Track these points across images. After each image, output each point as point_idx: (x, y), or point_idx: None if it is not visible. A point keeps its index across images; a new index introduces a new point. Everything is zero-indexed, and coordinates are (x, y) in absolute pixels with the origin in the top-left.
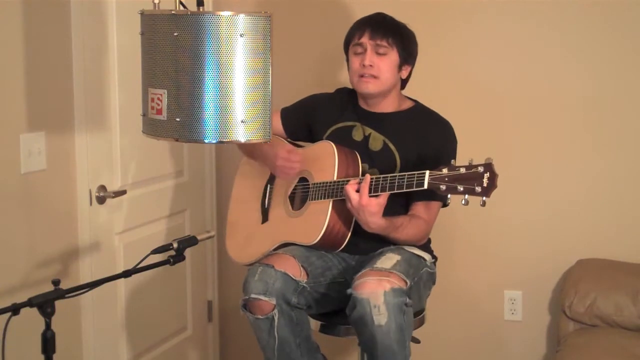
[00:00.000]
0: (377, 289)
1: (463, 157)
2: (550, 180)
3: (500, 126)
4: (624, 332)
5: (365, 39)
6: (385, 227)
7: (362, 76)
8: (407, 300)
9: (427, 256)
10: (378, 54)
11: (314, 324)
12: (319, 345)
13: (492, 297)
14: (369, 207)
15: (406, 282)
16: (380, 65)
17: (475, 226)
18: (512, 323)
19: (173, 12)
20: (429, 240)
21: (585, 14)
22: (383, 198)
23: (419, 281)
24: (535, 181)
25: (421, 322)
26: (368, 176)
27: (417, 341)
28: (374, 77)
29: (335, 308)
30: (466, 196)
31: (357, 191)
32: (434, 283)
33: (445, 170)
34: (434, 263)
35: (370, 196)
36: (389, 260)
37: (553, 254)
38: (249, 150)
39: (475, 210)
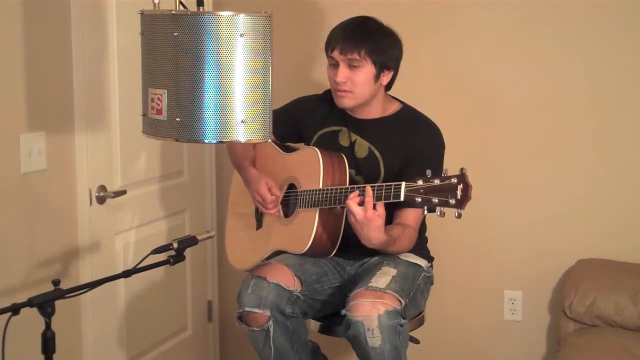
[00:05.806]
0: (371, 312)
1: (460, 158)
2: (550, 180)
3: (499, 126)
4: (624, 332)
5: (336, 54)
6: (386, 242)
7: (337, 90)
8: (402, 320)
9: (423, 262)
10: (351, 66)
11: (314, 325)
12: (319, 346)
13: (492, 297)
14: (374, 220)
15: (401, 302)
16: (354, 79)
17: (475, 226)
18: (512, 323)
19: (173, 12)
20: (426, 241)
21: (584, 12)
22: (381, 208)
23: (416, 291)
24: (535, 181)
25: (420, 323)
26: (369, 188)
27: (416, 342)
28: (349, 91)
29: (334, 311)
30: (442, 208)
31: (360, 204)
32: (432, 284)
33: (420, 182)
34: (431, 265)
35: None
36: (384, 276)
37: (553, 254)
38: (237, 165)
39: (475, 210)
